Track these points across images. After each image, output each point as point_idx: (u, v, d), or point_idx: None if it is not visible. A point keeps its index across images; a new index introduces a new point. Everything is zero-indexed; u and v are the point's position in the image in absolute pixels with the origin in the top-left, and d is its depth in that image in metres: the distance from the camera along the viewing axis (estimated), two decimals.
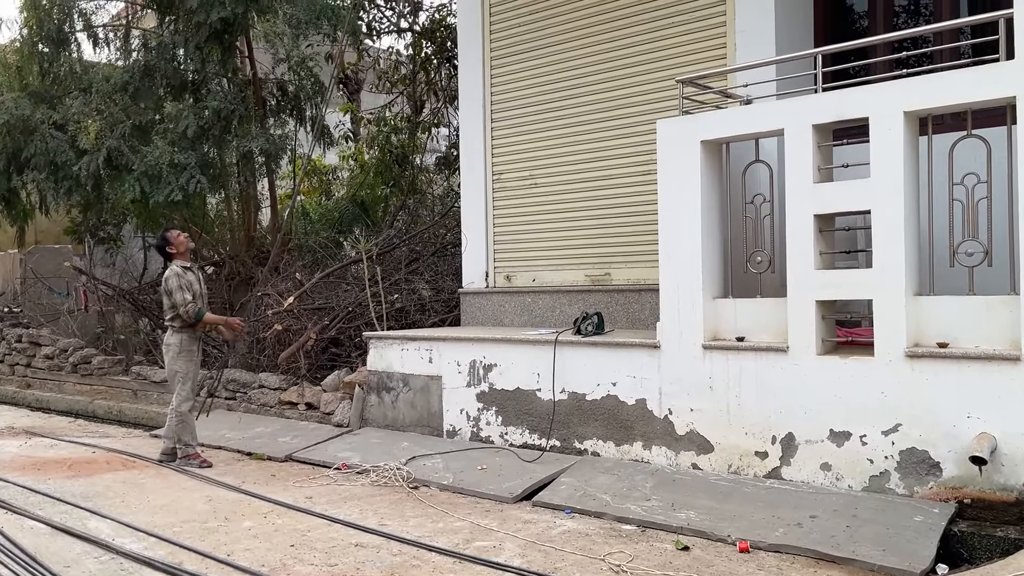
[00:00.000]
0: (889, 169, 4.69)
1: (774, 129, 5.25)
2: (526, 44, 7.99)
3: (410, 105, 13.38)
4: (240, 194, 11.72)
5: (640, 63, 7.20)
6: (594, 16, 7.48)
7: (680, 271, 5.58)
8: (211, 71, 9.78)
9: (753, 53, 6.39)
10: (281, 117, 11.31)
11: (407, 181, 12.41)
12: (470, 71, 8.43)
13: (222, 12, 9.22)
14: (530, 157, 8.01)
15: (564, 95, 7.71)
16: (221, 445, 7.60)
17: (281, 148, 10.11)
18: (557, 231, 7.82)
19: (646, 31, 7.15)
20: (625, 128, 7.27)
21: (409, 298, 9.14)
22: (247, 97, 10.44)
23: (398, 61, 13.11)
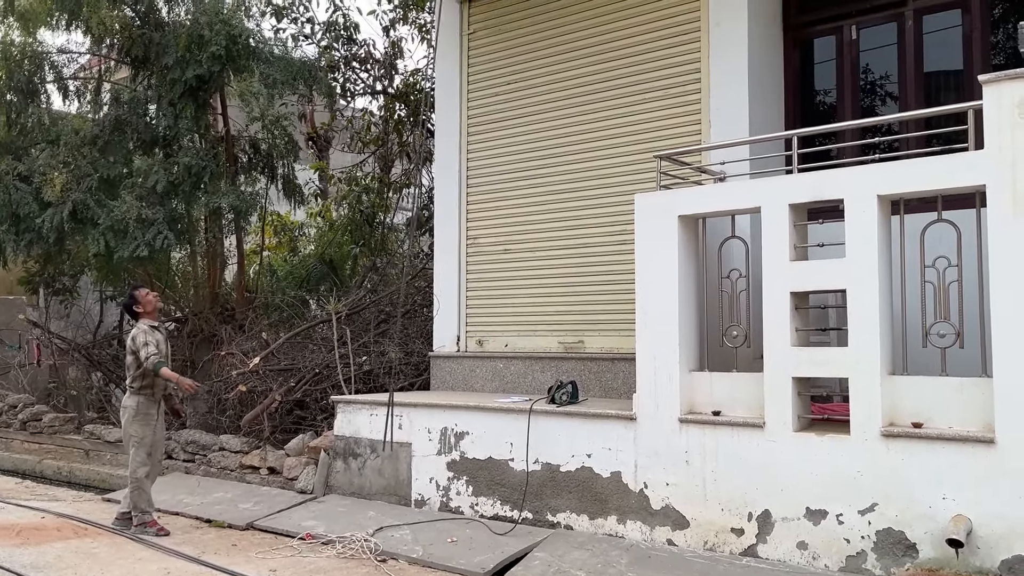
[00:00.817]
0: (864, 250, 4.79)
1: (751, 207, 5.34)
2: (503, 112, 8.09)
3: (381, 165, 13.43)
4: (207, 250, 11.57)
5: (616, 135, 7.33)
6: (572, 88, 7.62)
7: (657, 343, 5.59)
8: (184, 127, 9.73)
9: (727, 130, 6.55)
10: (252, 174, 11.26)
11: (377, 240, 12.38)
12: (446, 136, 8.51)
13: (198, 70, 9.23)
14: (505, 223, 8.04)
15: (541, 163, 7.80)
16: (179, 511, 7.33)
17: (251, 205, 10.03)
18: (531, 297, 7.82)
19: (623, 105, 7.30)
20: (601, 198, 7.36)
21: (378, 360, 9.01)
22: (219, 154, 10.39)
23: (371, 122, 13.19)
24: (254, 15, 11.69)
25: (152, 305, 6.84)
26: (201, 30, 8.98)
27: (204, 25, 8.96)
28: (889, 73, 6.86)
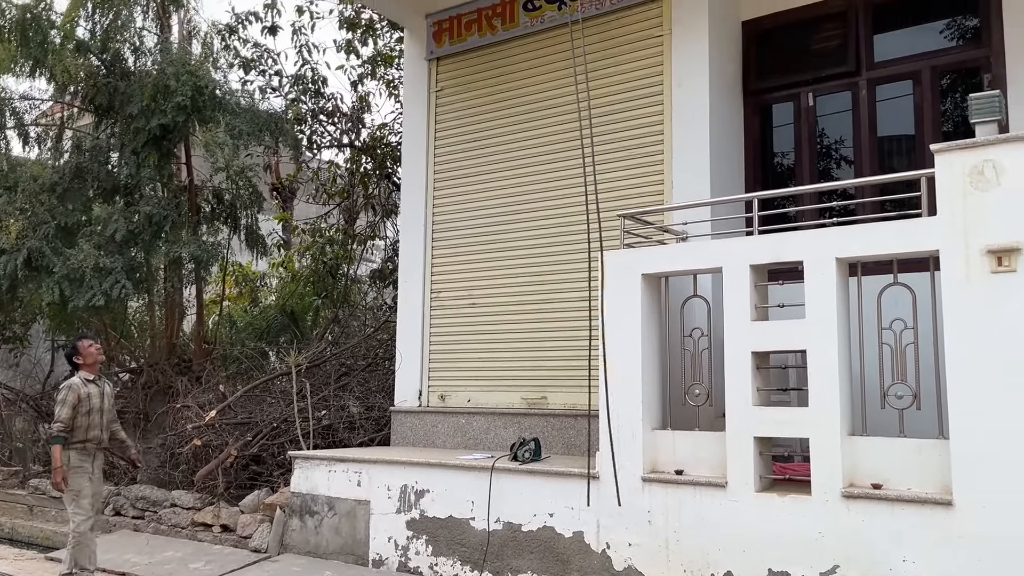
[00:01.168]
0: (823, 311, 4.87)
1: (713, 267, 5.41)
2: (469, 167, 8.17)
3: (345, 217, 13.42)
4: (165, 300, 11.38)
5: (581, 193, 7.39)
6: (537, 146, 7.73)
7: (620, 400, 5.58)
8: (146, 176, 9.64)
9: (689, 190, 6.68)
10: (215, 224, 11.16)
11: (339, 292, 12.29)
12: (412, 190, 8.55)
13: (163, 120, 9.19)
14: (470, 277, 8.05)
15: (506, 218, 7.85)
16: (125, 571, 7.05)
17: (213, 256, 9.92)
18: (494, 352, 7.79)
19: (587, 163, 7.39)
20: (565, 254, 7.40)
21: (338, 415, 8.87)
22: (181, 203, 10.30)
23: (337, 174, 13.21)
24: (222, 67, 11.76)
25: (93, 358, 6.65)
26: (167, 80, 8.98)
27: (170, 76, 8.97)
28: (844, 137, 7.08)
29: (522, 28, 7.94)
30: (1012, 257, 4.22)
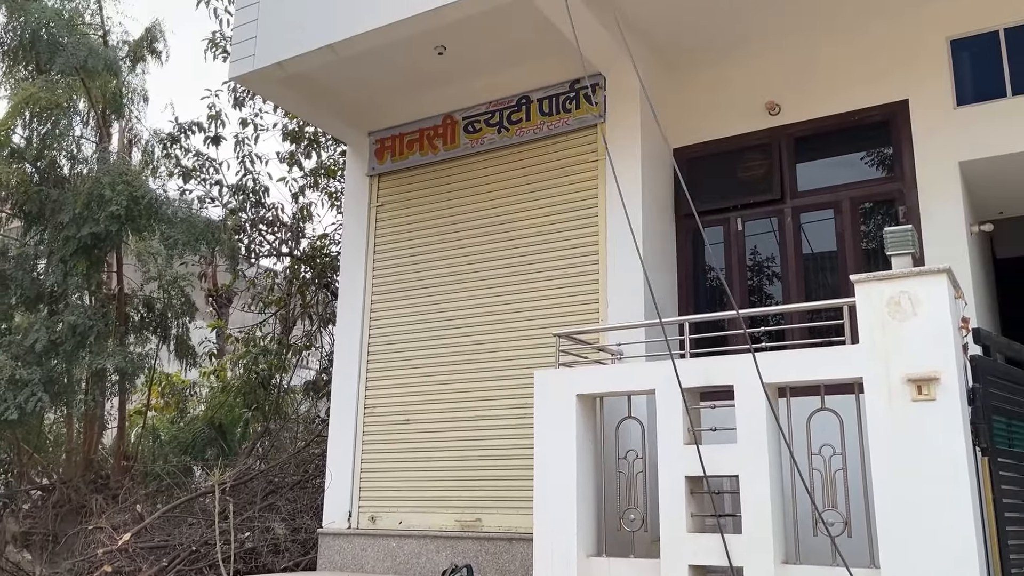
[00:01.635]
0: (754, 437, 4.88)
1: (647, 389, 5.43)
2: (408, 282, 8.17)
3: (282, 326, 13.22)
4: (85, 412, 10.89)
5: (516, 312, 7.46)
6: (475, 263, 7.80)
7: (555, 527, 5.44)
8: (73, 284, 9.40)
9: (624, 310, 6.77)
10: (143, 334, 10.85)
11: (271, 404, 11.96)
12: (349, 303, 8.49)
13: (95, 228, 9.04)
14: (405, 393, 7.92)
15: (443, 334, 7.82)
16: None
17: (139, 367, 9.60)
18: (428, 471, 7.60)
19: (523, 282, 7.48)
20: (501, 372, 7.37)
21: (263, 537, 8.46)
22: (109, 312, 10.02)
23: (275, 283, 13.08)
24: (161, 175, 11.72)
25: None
26: (102, 189, 8.89)
27: (106, 185, 8.88)
28: (773, 255, 7.32)
29: (462, 149, 8.14)
30: (931, 386, 4.33)
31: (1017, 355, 5.20)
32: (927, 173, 6.48)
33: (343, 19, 7.14)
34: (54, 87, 9.39)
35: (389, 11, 6.87)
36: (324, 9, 7.31)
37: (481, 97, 8.06)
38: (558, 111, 7.67)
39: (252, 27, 7.72)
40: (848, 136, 7.07)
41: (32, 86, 9.31)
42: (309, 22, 7.37)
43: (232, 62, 7.85)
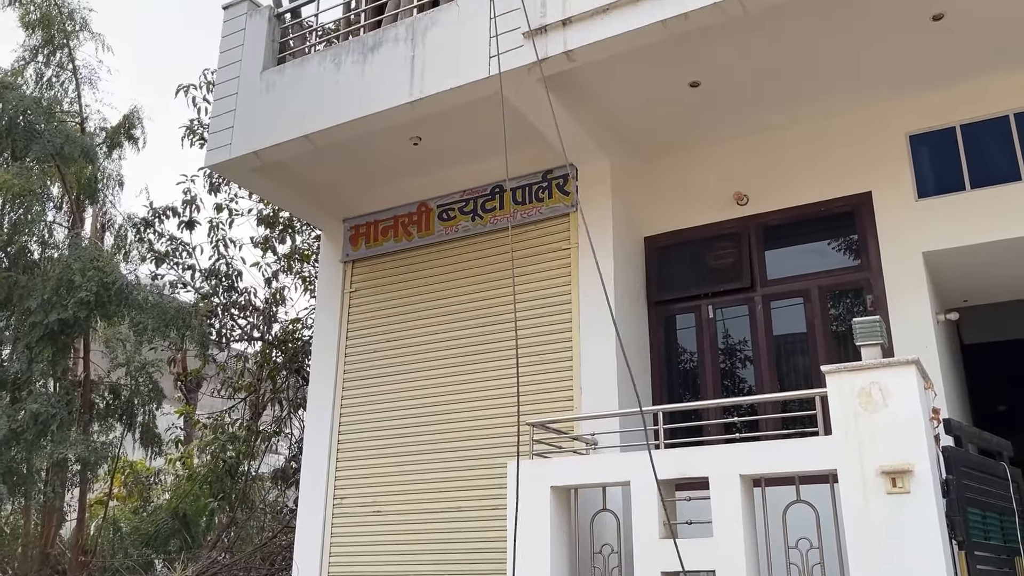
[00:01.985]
0: (730, 530, 4.82)
1: (621, 480, 5.36)
2: (380, 369, 8.11)
3: (251, 411, 12.97)
4: (44, 504, 10.51)
5: (490, 400, 7.40)
6: (447, 352, 7.77)
7: None
8: (38, 371, 9.20)
9: (598, 398, 6.75)
10: (108, 422, 10.58)
11: (238, 493, 11.63)
12: (320, 391, 8.38)
13: (63, 314, 8.91)
14: (375, 483, 7.75)
15: (415, 423, 7.71)
16: None
17: (102, 456, 9.33)
18: (398, 563, 7.37)
19: (497, 369, 7.44)
20: (473, 462, 7.26)
21: None
22: (73, 400, 9.79)
23: (245, 367, 12.90)
24: (134, 259, 11.66)
25: None
26: (72, 275, 8.80)
27: (76, 270, 8.80)
28: (745, 339, 7.36)
29: (437, 236, 8.20)
30: (905, 478, 4.32)
31: (988, 445, 5.22)
32: (892, 263, 6.61)
33: (320, 110, 7.27)
34: (29, 173, 9.40)
35: (366, 103, 7.02)
36: (302, 101, 7.44)
37: (456, 185, 8.18)
38: (531, 200, 7.78)
39: (229, 117, 7.83)
40: (815, 226, 7.23)
41: (6, 173, 9.31)
42: (286, 113, 7.49)
43: (209, 150, 7.93)
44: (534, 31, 6.27)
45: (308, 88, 7.45)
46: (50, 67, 10.55)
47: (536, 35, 6.28)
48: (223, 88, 8.02)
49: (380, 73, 7.03)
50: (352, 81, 7.18)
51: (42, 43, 10.53)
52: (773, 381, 7.01)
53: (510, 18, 6.46)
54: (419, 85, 6.78)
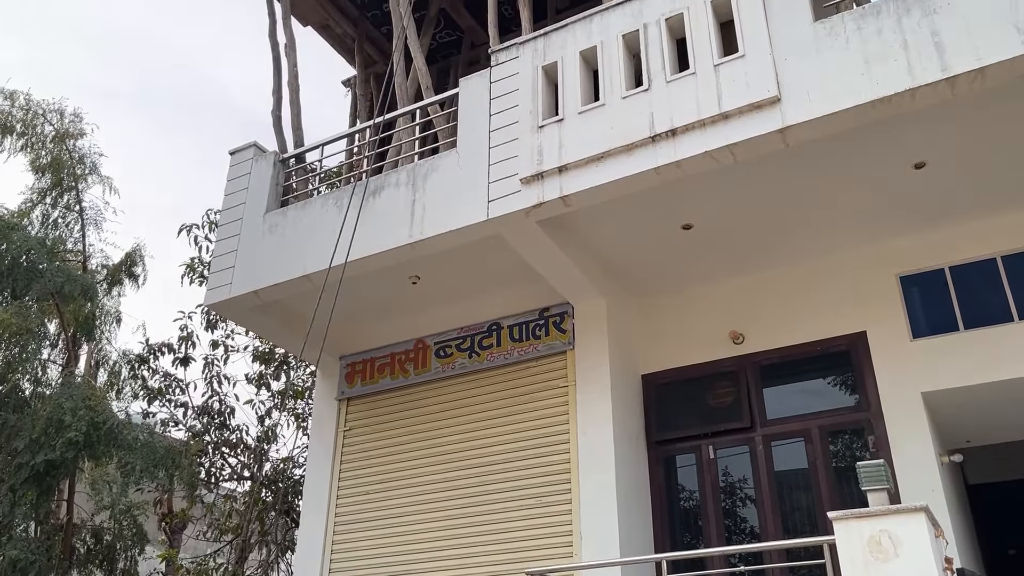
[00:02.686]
0: None
1: None
2: (373, 509, 7.92)
3: (237, 554, 12.47)
4: None
5: (486, 543, 7.16)
6: (444, 493, 7.60)
7: None
8: (20, 514, 8.90)
9: (597, 540, 6.55)
10: (88, 568, 10.15)
11: None
12: (311, 532, 8.13)
13: (50, 455, 8.72)
14: None
15: (408, 569, 7.42)
16: None
17: None
18: None
19: (495, 512, 7.25)
20: None
21: None
22: (54, 544, 9.43)
23: (233, 508, 12.51)
24: (126, 396, 11.54)
25: None
26: (63, 414, 8.68)
27: (67, 410, 8.69)
28: (747, 477, 7.20)
29: (433, 373, 8.17)
30: None
31: None
32: (892, 403, 6.58)
33: (322, 251, 7.39)
34: (27, 312, 9.44)
35: (367, 244, 7.15)
36: (303, 241, 7.58)
37: (453, 323, 8.22)
38: (528, 337, 7.81)
39: (231, 257, 7.95)
40: (812, 364, 7.24)
41: (5, 312, 9.36)
42: (287, 253, 7.62)
43: (209, 289, 8.01)
44: (531, 177, 6.48)
45: (310, 229, 7.61)
46: (57, 208, 10.83)
47: (533, 181, 6.49)
48: (226, 229, 8.19)
49: (381, 215, 7.21)
50: (353, 223, 7.34)
51: (51, 185, 10.84)
52: (776, 521, 6.82)
53: (508, 164, 6.69)
54: (419, 227, 6.94)
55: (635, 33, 6.57)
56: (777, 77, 5.68)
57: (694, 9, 6.32)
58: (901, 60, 5.28)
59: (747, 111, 5.74)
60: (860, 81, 5.37)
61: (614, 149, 6.18)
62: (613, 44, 6.63)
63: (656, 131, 6.02)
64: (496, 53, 7.25)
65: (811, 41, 5.68)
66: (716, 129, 5.83)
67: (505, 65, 7.14)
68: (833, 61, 5.53)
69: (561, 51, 6.88)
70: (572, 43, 6.86)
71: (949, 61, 5.13)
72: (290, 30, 9.12)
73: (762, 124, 5.65)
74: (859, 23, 5.56)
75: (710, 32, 6.16)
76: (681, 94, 6.06)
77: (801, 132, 5.59)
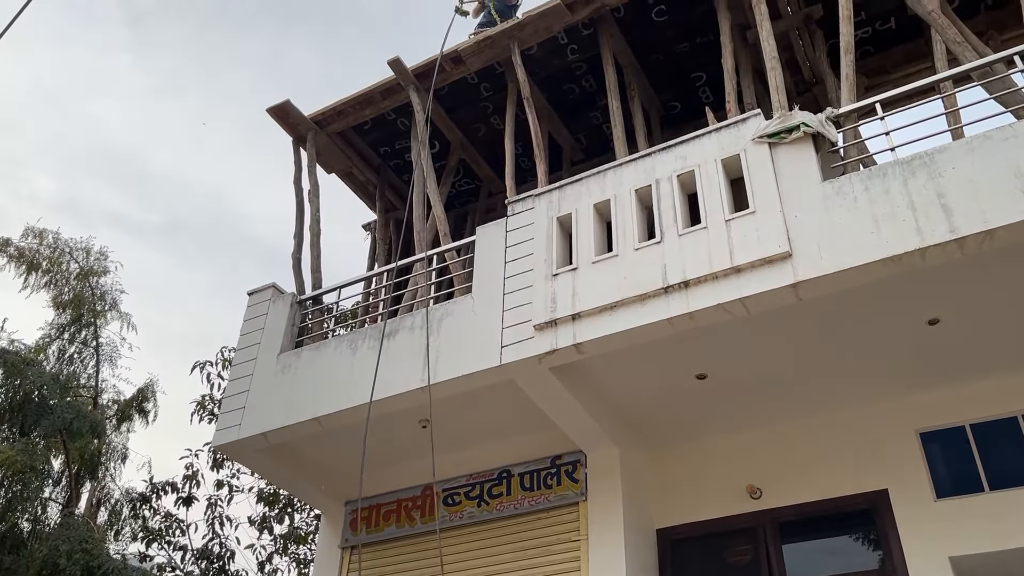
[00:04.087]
0: None
1: None
2: None
3: None
4: None
5: None
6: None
7: None
8: None
9: None
10: None
11: None
12: None
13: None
14: None
15: None
16: None
17: None
18: None
19: None
20: None
21: None
22: None
23: None
24: (125, 536, 11.24)
25: None
26: (58, 558, 8.42)
27: (63, 553, 8.43)
28: None
29: (440, 522, 7.92)
30: None
31: None
32: (919, 568, 6.26)
33: (334, 394, 7.36)
34: (33, 449, 9.36)
35: (380, 387, 7.11)
36: (316, 384, 7.56)
37: (462, 469, 8.05)
38: (539, 487, 7.62)
39: (242, 398, 7.92)
40: (833, 523, 6.98)
41: (11, 449, 9.28)
42: (299, 395, 7.59)
43: (218, 430, 7.93)
44: (545, 324, 6.51)
45: (323, 371, 7.61)
46: (74, 344, 10.95)
47: (546, 328, 6.51)
48: (239, 369, 8.21)
49: (395, 359, 7.21)
50: (367, 366, 7.34)
51: (70, 321, 10.99)
52: None
53: (522, 311, 6.74)
54: (432, 371, 6.92)
55: (647, 188, 6.77)
56: (788, 233, 5.79)
57: (705, 167, 6.54)
58: (909, 220, 5.39)
59: (758, 265, 5.81)
60: (870, 239, 5.46)
61: (627, 299, 6.22)
62: (626, 198, 6.82)
63: (669, 282, 6.09)
64: (512, 204, 7.47)
65: (820, 200, 5.83)
66: (728, 282, 5.89)
67: (521, 215, 7.34)
68: (842, 219, 5.65)
69: (575, 203, 7.08)
70: (586, 196, 7.07)
71: (957, 223, 5.22)
72: (314, 177, 9.47)
73: (774, 279, 5.71)
74: (866, 184, 5.71)
75: (721, 189, 6.34)
76: (693, 247, 6.17)
77: (813, 287, 5.64)
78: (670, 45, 8.96)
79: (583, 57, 9.04)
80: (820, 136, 6.19)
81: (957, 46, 6.63)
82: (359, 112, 9.47)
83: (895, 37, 8.98)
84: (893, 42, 9.02)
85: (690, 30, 8.79)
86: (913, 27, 8.62)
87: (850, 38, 6.87)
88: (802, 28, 8.54)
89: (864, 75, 8.67)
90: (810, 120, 6.17)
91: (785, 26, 8.39)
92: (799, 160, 6.13)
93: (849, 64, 6.77)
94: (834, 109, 6.51)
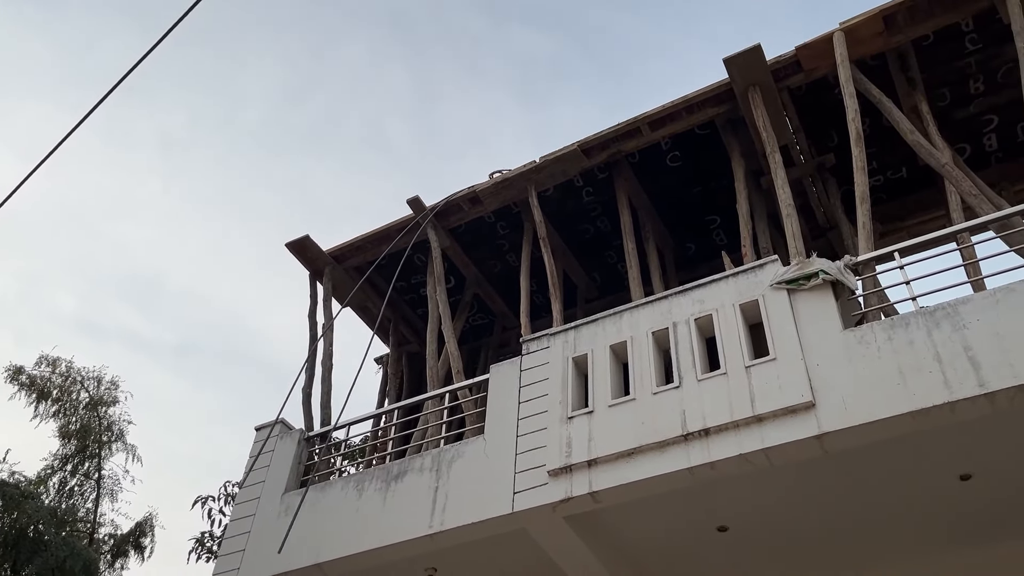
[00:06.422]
0: None
1: None
2: None
3: None
4: None
5: None
6: None
7: None
8: None
9: None
10: None
11: None
12: None
13: None
14: None
15: None
16: None
17: None
18: None
19: None
20: None
21: None
22: None
23: None
24: None
25: None
26: None
27: None
28: None
29: None
30: None
31: None
32: None
33: (337, 539, 7.05)
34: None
35: (385, 534, 6.82)
36: (319, 527, 7.26)
37: None
38: None
39: (243, 539, 7.61)
40: None
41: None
42: (302, 539, 7.27)
43: (216, 573, 7.57)
44: (559, 470, 6.28)
45: (327, 514, 7.32)
46: (76, 476, 10.68)
47: (561, 474, 6.28)
48: (241, 509, 7.92)
49: (402, 503, 6.94)
50: (373, 510, 7.07)
51: (74, 452, 10.79)
52: None
53: (535, 454, 6.52)
54: (440, 517, 6.64)
55: (664, 331, 6.69)
56: (810, 382, 5.64)
57: (723, 312, 6.47)
58: (936, 373, 5.24)
59: (781, 415, 5.64)
60: (896, 391, 5.30)
61: (646, 445, 6.02)
62: (643, 340, 6.73)
63: (688, 430, 5.91)
64: (527, 342, 7.38)
65: (842, 349, 5.71)
66: (750, 431, 5.70)
67: (536, 354, 7.23)
68: (866, 369, 5.51)
69: (592, 344, 6.98)
70: (603, 336, 6.98)
71: (986, 377, 5.07)
72: (329, 312, 9.48)
73: (798, 429, 5.52)
74: (889, 334, 5.60)
75: (740, 334, 6.25)
76: (713, 393, 6.01)
77: (839, 440, 5.44)
78: (684, 189, 9.13)
79: (598, 199, 9.20)
80: (839, 284, 6.14)
81: (973, 198, 6.67)
82: (376, 248, 9.58)
83: (908, 186, 9.10)
84: (906, 190, 9.14)
85: (704, 175, 8.96)
86: (926, 176, 8.75)
87: (865, 188, 6.93)
88: (815, 175, 8.67)
89: (878, 221, 8.73)
90: (829, 267, 6.14)
91: (798, 173, 8.52)
92: (819, 307, 6.06)
93: (865, 213, 6.80)
94: (852, 257, 6.49)
